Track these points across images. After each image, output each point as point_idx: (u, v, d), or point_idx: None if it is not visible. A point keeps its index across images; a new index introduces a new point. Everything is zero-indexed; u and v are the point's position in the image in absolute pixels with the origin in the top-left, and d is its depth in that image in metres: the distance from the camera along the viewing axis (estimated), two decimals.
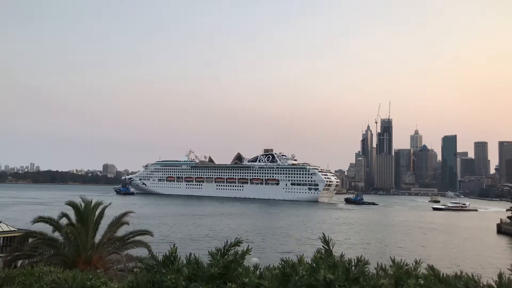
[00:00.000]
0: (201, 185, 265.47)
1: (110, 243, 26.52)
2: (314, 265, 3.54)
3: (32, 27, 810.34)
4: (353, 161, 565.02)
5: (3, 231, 41.96)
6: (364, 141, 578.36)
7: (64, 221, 25.76)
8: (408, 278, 3.56)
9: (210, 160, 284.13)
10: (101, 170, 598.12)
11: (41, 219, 25.64)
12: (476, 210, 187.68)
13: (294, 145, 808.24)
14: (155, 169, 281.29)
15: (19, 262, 26.54)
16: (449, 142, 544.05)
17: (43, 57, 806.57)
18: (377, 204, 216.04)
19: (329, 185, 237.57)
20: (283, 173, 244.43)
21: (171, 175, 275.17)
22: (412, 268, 3.66)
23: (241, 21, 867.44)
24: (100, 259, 24.96)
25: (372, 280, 3.46)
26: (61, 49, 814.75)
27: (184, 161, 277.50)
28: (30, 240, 27.21)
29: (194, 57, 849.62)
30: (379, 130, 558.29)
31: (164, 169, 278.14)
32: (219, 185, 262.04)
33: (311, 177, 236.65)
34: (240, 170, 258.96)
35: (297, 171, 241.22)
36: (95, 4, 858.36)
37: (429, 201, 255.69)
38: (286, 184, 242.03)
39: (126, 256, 25.25)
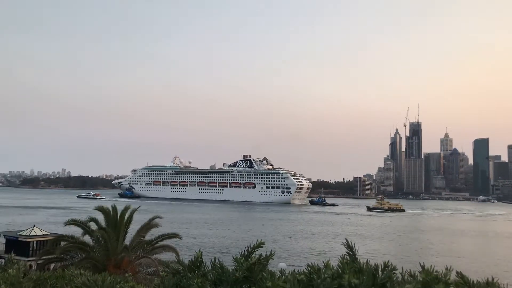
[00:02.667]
0: (185, 188, 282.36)
1: (139, 247, 26.89)
2: (340, 270, 3.52)
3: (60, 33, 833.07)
4: (382, 165, 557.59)
5: (37, 235, 43.17)
6: (393, 145, 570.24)
7: (93, 225, 26.29)
8: (436, 284, 3.48)
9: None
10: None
11: (73, 222, 26.32)
12: None
13: (320, 149, 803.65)
14: (142, 173, 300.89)
15: (52, 266, 27.21)
16: (481, 145, 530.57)
17: (67, 64, 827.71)
18: (337, 205, 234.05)
19: (300, 188, 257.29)
20: (259, 177, 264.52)
21: (157, 179, 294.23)
22: (442, 275, 3.58)
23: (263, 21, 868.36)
24: (129, 263, 25.32)
25: (398, 286, 3.41)
26: (91, 54, 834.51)
27: (170, 166, 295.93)
28: (62, 243, 27.83)
29: (209, 60, 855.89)
30: (408, 134, 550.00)
31: (151, 173, 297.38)
32: (201, 189, 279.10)
33: (284, 181, 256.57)
34: (220, 174, 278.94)
35: (271, 175, 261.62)
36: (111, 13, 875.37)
37: None
38: (262, 188, 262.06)
39: (155, 260, 25.54)
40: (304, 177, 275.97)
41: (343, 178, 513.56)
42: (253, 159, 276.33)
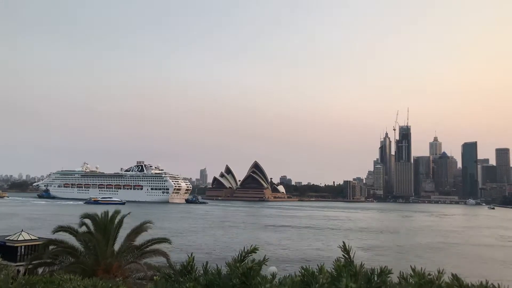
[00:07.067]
0: (88, 190, 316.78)
1: (129, 251, 26.61)
2: (335, 274, 3.49)
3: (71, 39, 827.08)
4: (372, 169, 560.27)
5: (25, 240, 42.64)
6: (382, 148, 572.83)
7: (83, 230, 25.99)
8: (430, 287, 3.47)
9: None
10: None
11: (61, 229, 25.98)
12: None
13: (311, 152, 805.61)
14: (55, 177, 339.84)
15: (40, 270, 26.84)
16: (470, 149, 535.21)
17: (60, 65, 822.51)
18: (207, 202, 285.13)
19: (178, 189, 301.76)
20: (146, 180, 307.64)
21: (67, 182, 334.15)
22: (435, 277, 3.57)
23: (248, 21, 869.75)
24: (119, 267, 25.06)
25: None
26: (71, 54, 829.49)
27: (78, 170, 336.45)
28: (51, 248, 27.47)
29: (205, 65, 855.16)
30: (397, 137, 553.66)
31: (63, 177, 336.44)
32: (101, 190, 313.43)
33: (164, 183, 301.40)
34: (117, 178, 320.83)
35: (156, 178, 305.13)
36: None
37: None
38: (148, 189, 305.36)
39: (144, 264, 25.30)
40: (184, 179, 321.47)
41: (333, 182, 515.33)
42: (144, 164, 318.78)
